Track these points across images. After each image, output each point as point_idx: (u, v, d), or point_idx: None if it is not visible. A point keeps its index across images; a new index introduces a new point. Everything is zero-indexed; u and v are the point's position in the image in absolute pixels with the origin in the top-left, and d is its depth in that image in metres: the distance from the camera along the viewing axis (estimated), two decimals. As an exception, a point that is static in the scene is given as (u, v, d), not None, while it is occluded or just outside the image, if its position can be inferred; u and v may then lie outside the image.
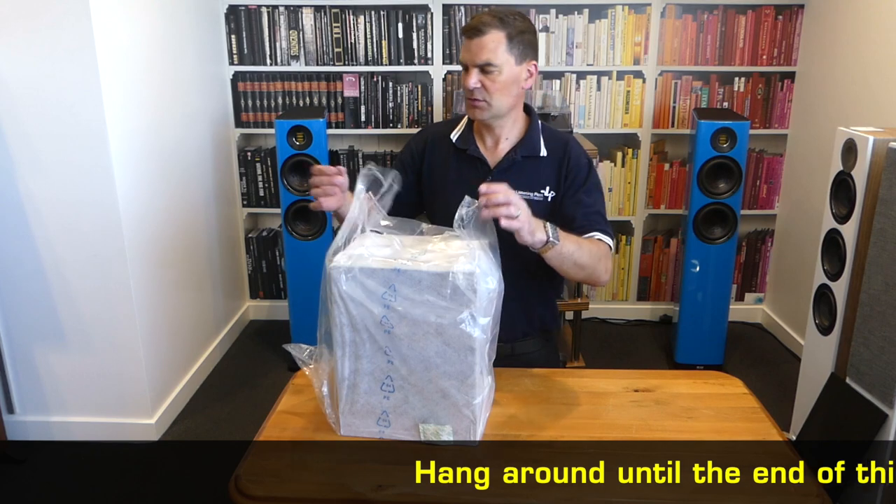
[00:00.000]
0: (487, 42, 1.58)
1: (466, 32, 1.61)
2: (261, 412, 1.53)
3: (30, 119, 2.51)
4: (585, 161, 1.71)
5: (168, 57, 3.06)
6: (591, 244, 1.58)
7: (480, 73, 1.60)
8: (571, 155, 1.70)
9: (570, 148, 1.71)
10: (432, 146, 1.79)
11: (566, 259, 1.49)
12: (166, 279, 3.01)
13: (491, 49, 1.58)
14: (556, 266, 1.51)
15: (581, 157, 1.71)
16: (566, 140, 1.74)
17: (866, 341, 2.21)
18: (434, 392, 1.32)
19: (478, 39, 1.58)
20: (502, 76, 1.60)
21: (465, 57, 1.62)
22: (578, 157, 1.71)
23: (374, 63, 3.63)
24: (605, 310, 3.97)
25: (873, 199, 2.21)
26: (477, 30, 1.58)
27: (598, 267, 1.57)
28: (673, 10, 3.58)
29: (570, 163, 1.69)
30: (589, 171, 1.70)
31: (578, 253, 1.51)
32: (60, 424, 2.84)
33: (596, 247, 1.58)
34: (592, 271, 1.57)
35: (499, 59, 1.59)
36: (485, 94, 1.61)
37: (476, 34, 1.58)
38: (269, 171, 3.76)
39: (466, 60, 1.61)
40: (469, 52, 1.60)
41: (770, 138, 3.73)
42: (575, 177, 1.68)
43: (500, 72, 1.59)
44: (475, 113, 1.66)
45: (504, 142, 1.72)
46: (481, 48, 1.58)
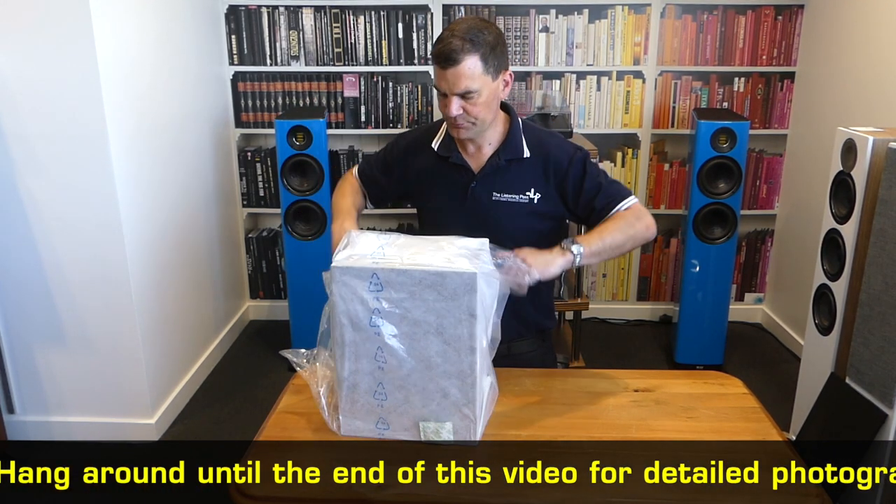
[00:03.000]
0: (463, 70, 1.53)
1: (440, 62, 1.54)
2: (261, 412, 1.53)
3: (30, 119, 2.51)
4: (573, 153, 1.68)
5: (168, 57, 3.06)
6: (617, 221, 1.61)
7: (461, 100, 1.56)
8: (558, 156, 1.67)
9: (553, 149, 1.68)
10: (413, 153, 1.77)
11: (604, 254, 1.57)
12: (166, 279, 3.01)
13: (468, 76, 1.53)
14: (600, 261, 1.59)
15: (568, 153, 1.68)
16: (547, 140, 1.71)
17: (866, 341, 2.21)
18: (434, 391, 1.32)
19: (453, 69, 1.53)
20: (483, 98, 1.57)
21: (443, 86, 1.56)
22: (566, 155, 1.67)
23: (374, 63, 3.63)
24: (605, 310, 3.97)
25: (873, 199, 2.21)
26: (451, 59, 1.52)
27: (637, 233, 1.62)
28: (673, 11, 3.58)
29: (563, 164, 1.66)
30: (583, 162, 1.67)
31: (609, 241, 1.57)
32: (60, 424, 2.84)
33: (622, 220, 1.61)
34: (634, 241, 1.63)
35: (478, 84, 1.55)
36: (468, 118, 1.59)
37: (451, 63, 1.52)
38: (269, 171, 3.76)
39: (444, 89, 1.57)
40: (446, 81, 1.55)
41: (770, 138, 3.73)
42: (573, 176, 1.66)
43: (480, 94, 1.56)
44: (461, 133, 1.64)
45: (486, 146, 1.70)
46: (458, 77, 1.53)
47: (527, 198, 1.68)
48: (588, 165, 1.68)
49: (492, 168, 1.68)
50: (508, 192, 1.67)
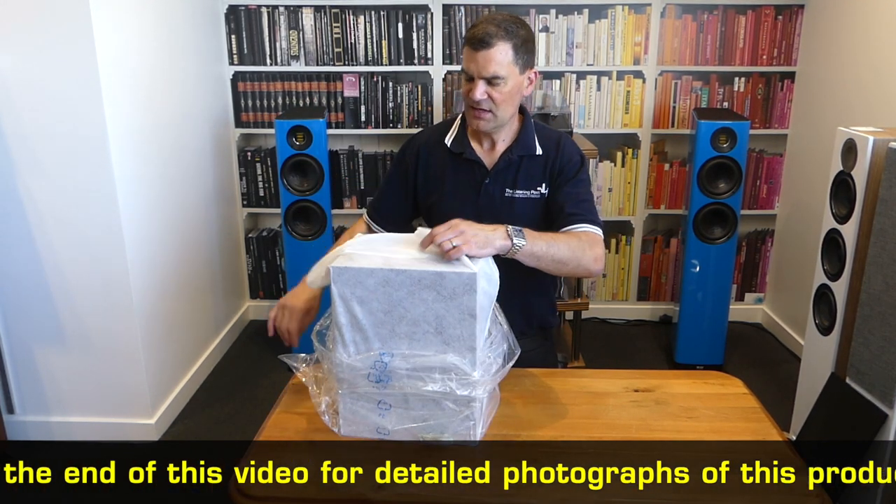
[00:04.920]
0: (495, 54, 1.56)
1: (472, 43, 1.57)
2: (261, 412, 1.53)
3: (30, 119, 2.51)
4: (577, 157, 1.71)
5: (168, 57, 3.06)
6: (570, 237, 1.54)
7: (487, 85, 1.58)
8: (563, 151, 1.70)
9: (563, 145, 1.72)
10: (426, 154, 1.77)
11: (542, 258, 1.45)
12: (166, 279, 3.01)
13: (499, 61, 1.56)
14: (534, 266, 1.46)
15: (573, 153, 1.71)
16: (559, 137, 1.74)
17: (866, 341, 2.21)
18: (434, 392, 1.32)
19: (485, 52, 1.56)
20: (507, 87, 1.59)
21: (471, 68, 1.59)
22: (571, 153, 1.71)
23: (374, 63, 3.63)
24: (605, 310, 3.97)
25: (873, 199, 2.21)
26: (485, 42, 1.55)
27: (583, 258, 1.52)
28: (673, 10, 3.58)
29: (563, 158, 1.69)
30: (580, 165, 1.70)
31: (554, 249, 1.47)
32: (60, 424, 2.84)
33: (576, 239, 1.54)
34: (577, 265, 1.52)
35: (506, 71, 1.58)
36: (490, 105, 1.60)
37: (484, 46, 1.55)
38: (269, 171, 3.76)
39: (472, 71, 1.59)
40: (476, 63, 1.57)
41: (770, 138, 3.73)
42: (566, 171, 1.69)
43: (506, 83, 1.59)
44: (480, 124, 1.65)
45: (500, 143, 1.72)
46: (489, 60, 1.56)
47: (538, 193, 1.69)
48: (583, 172, 1.70)
49: (505, 164, 1.70)
50: (522, 189, 1.69)
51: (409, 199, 1.81)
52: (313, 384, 1.42)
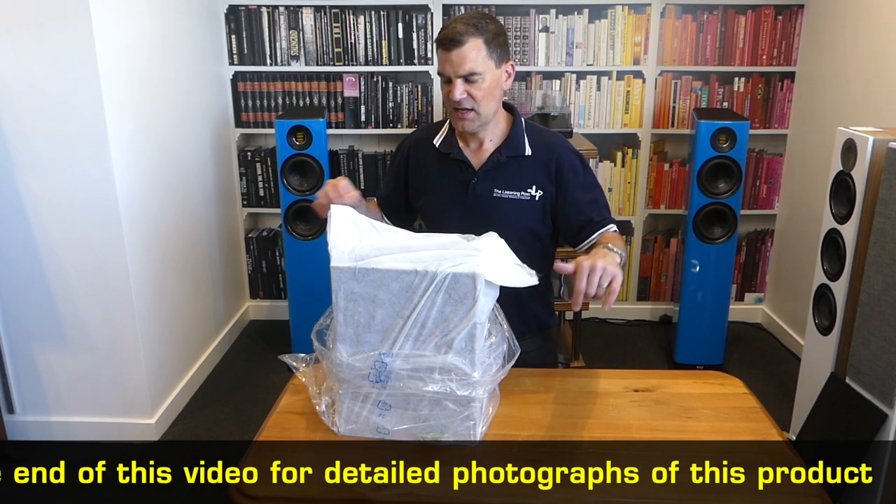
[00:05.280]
0: (468, 51, 1.57)
1: (444, 44, 1.59)
2: (261, 412, 1.53)
3: (30, 119, 2.51)
4: (576, 157, 1.71)
5: (168, 57, 3.06)
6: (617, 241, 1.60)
7: (465, 83, 1.59)
8: (561, 155, 1.69)
9: (556, 147, 1.71)
10: (416, 153, 1.79)
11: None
12: (166, 279, 3.01)
13: (472, 58, 1.57)
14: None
15: (571, 155, 1.71)
16: (551, 139, 1.73)
17: (866, 341, 2.21)
18: (435, 391, 1.32)
19: (457, 50, 1.57)
20: (486, 83, 1.60)
21: (447, 69, 1.60)
22: (569, 156, 1.70)
23: (374, 63, 3.63)
24: (605, 310, 3.97)
25: (873, 199, 2.21)
26: (455, 41, 1.56)
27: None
28: (673, 11, 3.58)
29: (564, 164, 1.69)
30: (583, 167, 1.71)
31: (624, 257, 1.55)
32: (60, 424, 2.84)
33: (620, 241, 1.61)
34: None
35: (481, 67, 1.58)
36: (472, 103, 1.61)
37: (455, 45, 1.57)
38: (269, 171, 3.76)
39: (449, 72, 1.60)
40: (451, 63, 1.58)
41: (770, 138, 3.73)
42: (573, 177, 1.68)
43: (484, 79, 1.59)
44: (464, 125, 1.65)
45: (488, 143, 1.72)
46: (462, 58, 1.57)
47: (528, 195, 1.69)
48: (588, 172, 1.71)
49: (493, 164, 1.69)
50: (510, 189, 1.68)
51: (405, 196, 1.83)
52: (313, 384, 1.42)
